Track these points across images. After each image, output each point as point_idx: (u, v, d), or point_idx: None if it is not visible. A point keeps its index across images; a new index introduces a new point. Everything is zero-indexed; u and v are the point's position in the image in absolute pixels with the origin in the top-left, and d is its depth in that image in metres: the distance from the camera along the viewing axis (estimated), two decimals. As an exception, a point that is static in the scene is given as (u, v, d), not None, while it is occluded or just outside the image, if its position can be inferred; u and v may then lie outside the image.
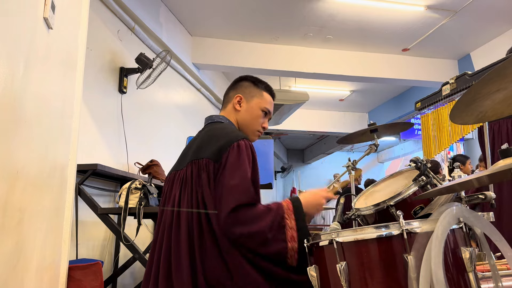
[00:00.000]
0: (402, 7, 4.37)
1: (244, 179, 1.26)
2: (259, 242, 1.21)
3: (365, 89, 7.15)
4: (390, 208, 1.36)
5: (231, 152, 1.30)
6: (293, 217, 1.26)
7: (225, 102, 1.57)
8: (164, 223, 1.35)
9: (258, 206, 1.26)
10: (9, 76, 1.09)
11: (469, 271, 1.06)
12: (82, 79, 1.93)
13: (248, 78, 1.57)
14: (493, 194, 1.25)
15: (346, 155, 10.84)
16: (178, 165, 1.46)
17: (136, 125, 3.61)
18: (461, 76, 2.31)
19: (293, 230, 1.24)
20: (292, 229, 1.24)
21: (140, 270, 3.18)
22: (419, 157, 1.46)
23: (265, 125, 1.55)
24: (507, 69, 0.78)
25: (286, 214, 1.26)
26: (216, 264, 1.21)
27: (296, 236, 1.23)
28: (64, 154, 1.74)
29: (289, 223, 1.25)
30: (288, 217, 1.25)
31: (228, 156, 1.29)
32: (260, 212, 1.23)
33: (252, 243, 1.21)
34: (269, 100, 1.55)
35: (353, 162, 2.31)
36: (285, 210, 1.27)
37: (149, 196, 2.54)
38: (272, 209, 1.26)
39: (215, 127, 1.44)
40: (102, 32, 3.21)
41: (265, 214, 1.24)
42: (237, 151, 1.30)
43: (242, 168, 1.28)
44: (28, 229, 1.30)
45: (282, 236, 1.22)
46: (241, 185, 1.25)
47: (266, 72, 5.42)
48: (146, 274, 1.35)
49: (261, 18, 4.62)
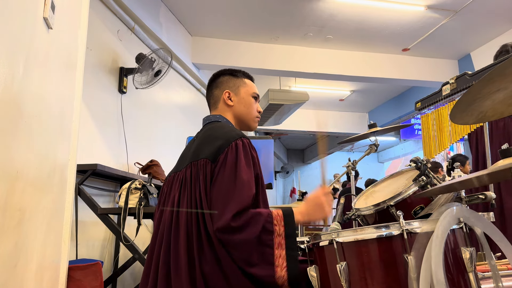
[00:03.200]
0: (402, 7, 4.37)
1: (240, 183, 1.24)
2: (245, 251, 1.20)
3: (365, 89, 7.15)
4: (390, 208, 1.36)
5: (228, 153, 1.29)
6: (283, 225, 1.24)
7: (213, 102, 1.55)
8: (163, 224, 1.34)
9: (249, 212, 1.23)
10: (9, 76, 1.09)
11: (469, 271, 1.06)
12: (82, 79, 1.93)
13: (224, 72, 1.57)
14: (493, 194, 1.25)
15: (346, 155, 10.85)
16: (177, 167, 1.45)
17: (136, 125, 3.61)
18: (461, 76, 2.31)
19: (281, 238, 1.22)
20: (280, 236, 1.22)
21: (140, 270, 3.18)
22: (419, 157, 1.46)
23: (259, 109, 1.57)
24: (507, 69, 0.78)
25: (275, 220, 1.24)
26: (213, 269, 1.20)
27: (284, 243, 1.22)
28: (64, 154, 1.74)
29: (278, 229, 1.23)
30: (277, 223, 1.24)
31: (225, 157, 1.28)
32: (249, 219, 1.21)
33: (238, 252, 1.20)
34: (253, 85, 1.58)
35: (353, 162, 2.31)
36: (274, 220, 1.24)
37: (149, 196, 2.54)
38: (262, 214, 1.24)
39: (213, 127, 1.44)
40: (102, 32, 3.21)
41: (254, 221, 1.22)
42: (235, 152, 1.29)
43: (237, 172, 1.26)
44: (28, 229, 1.30)
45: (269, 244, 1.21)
46: (235, 192, 1.23)
47: (266, 72, 5.42)
48: (144, 275, 1.34)
49: (261, 18, 4.62)
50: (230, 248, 1.20)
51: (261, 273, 1.18)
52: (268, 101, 5.81)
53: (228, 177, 1.26)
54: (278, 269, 1.18)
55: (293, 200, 11.43)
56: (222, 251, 1.21)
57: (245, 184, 1.25)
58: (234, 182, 1.25)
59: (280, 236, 1.22)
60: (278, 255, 1.20)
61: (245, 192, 1.24)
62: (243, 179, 1.26)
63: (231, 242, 1.19)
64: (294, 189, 11.65)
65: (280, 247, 1.21)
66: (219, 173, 1.27)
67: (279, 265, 1.19)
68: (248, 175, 1.28)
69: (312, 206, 1.33)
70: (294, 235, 1.22)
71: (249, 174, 1.28)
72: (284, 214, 1.26)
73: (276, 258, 1.19)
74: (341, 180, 7.57)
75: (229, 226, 1.18)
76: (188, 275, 1.20)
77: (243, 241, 1.18)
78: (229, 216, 1.19)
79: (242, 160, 1.29)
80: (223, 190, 1.24)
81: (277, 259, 1.19)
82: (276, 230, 1.22)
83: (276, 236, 1.21)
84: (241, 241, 1.18)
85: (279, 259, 1.19)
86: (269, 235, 1.21)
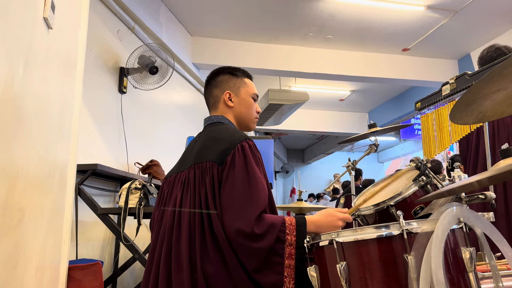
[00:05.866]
0: (402, 7, 4.37)
1: (255, 185, 1.24)
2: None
3: (365, 89, 7.16)
4: (390, 208, 1.36)
5: (236, 155, 1.28)
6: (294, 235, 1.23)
7: (213, 102, 1.52)
8: (164, 224, 1.33)
9: (266, 218, 1.22)
10: (9, 76, 1.09)
11: (469, 271, 1.06)
12: (82, 79, 1.93)
13: (223, 71, 1.55)
14: (493, 194, 1.25)
15: (346, 155, 10.85)
16: (179, 167, 1.44)
17: (136, 125, 3.61)
18: (461, 76, 2.31)
19: (292, 247, 1.22)
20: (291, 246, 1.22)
21: (140, 270, 3.18)
22: (419, 157, 1.46)
23: (258, 109, 1.56)
24: (507, 69, 0.78)
25: (288, 230, 1.23)
26: (218, 270, 1.20)
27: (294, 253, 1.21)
28: (64, 154, 1.74)
29: (289, 238, 1.22)
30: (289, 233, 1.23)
31: (232, 159, 1.27)
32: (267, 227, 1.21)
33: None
34: (252, 84, 1.56)
35: (353, 162, 2.31)
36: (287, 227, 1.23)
37: (149, 196, 2.54)
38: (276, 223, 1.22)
39: (216, 129, 1.43)
40: (102, 32, 3.21)
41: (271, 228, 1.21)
42: (242, 154, 1.28)
43: (250, 173, 1.25)
44: (28, 229, 1.30)
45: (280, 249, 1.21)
46: (252, 194, 1.22)
47: (266, 72, 5.42)
48: (145, 275, 1.34)
49: (261, 18, 4.62)
50: (241, 253, 1.19)
51: (267, 281, 1.18)
52: (268, 101, 5.81)
53: (241, 179, 1.24)
54: (286, 280, 1.18)
55: (293, 200, 11.44)
56: (229, 253, 1.20)
57: (260, 185, 1.25)
58: (249, 184, 1.24)
59: (291, 246, 1.21)
60: (288, 265, 1.20)
61: (262, 194, 1.25)
62: (257, 180, 1.25)
63: (246, 248, 1.18)
64: (294, 189, 11.66)
65: (290, 258, 1.20)
66: (229, 175, 1.26)
67: (288, 276, 1.19)
68: (260, 177, 1.28)
69: (325, 217, 1.32)
70: (303, 246, 1.21)
71: (261, 176, 1.29)
72: (297, 223, 1.25)
73: (285, 268, 1.19)
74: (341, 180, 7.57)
75: (253, 232, 1.17)
76: (189, 275, 1.20)
77: (258, 249, 1.18)
78: (252, 218, 1.18)
79: (252, 161, 1.28)
80: (238, 193, 1.23)
81: (286, 269, 1.19)
82: (288, 239, 1.21)
83: (287, 246, 1.21)
84: (256, 249, 1.18)
85: (288, 270, 1.19)
86: (281, 244, 1.20)
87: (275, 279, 1.18)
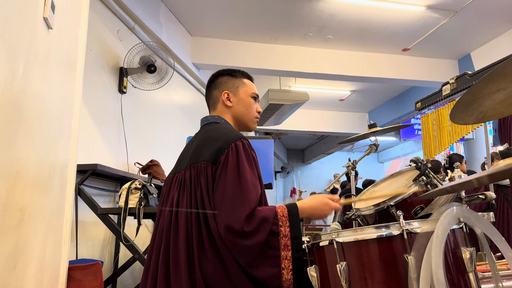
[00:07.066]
0: (402, 7, 4.37)
1: (245, 185, 1.24)
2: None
3: (365, 89, 7.15)
4: (390, 208, 1.36)
5: (229, 154, 1.28)
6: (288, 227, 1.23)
7: (212, 103, 1.54)
8: (162, 225, 1.34)
9: (256, 214, 1.22)
10: (9, 76, 1.09)
11: (469, 271, 1.06)
12: (82, 79, 1.93)
13: (223, 73, 1.56)
14: (493, 194, 1.25)
15: (346, 155, 10.85)
16: (176, 168, 1.45)
17: (136, 125, 3.61)
18: (461, 76, 2.31)
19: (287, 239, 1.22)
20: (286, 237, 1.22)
21: (140, 270, 3.18)
22: (419, 157, 1.46)
23: (259, 109, 1.56)
24: (507, 69, 0.78)
25: (280, 222, 1.23)
26: (215, 268, 1.20)
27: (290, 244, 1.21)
28: (64, 154, 1.74)
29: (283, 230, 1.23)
30: (282, 224, 1.23)
31: (226, 158, 1.28)
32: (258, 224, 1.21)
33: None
34: (252, 85, 1.56)
35: (353, 162, 2.31)
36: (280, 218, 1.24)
37: (149, 196, 2.54)
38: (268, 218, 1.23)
39: (212, 128, 1.43)
40: (102, 32, 3.21)
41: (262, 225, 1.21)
42: (235, 154, 1.28)
43: (241, 173, 1.26)
44: (28, 229, 1.30)
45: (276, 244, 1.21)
46: (242, 194, 1.22)
47: (266, 72, 5.42)
48: (144, 275, 1.34)
49: (261, 18, 4.62)
50: (235, 252, 1.19)
51: (264, 275, 1.18)
52: (268, 101, 5.81)
53: (232, 179, 1.25)
54: (284, 272, 1.18)
55: (293, 200, 11.43)
56: (226, 251, 1.21)
57: (250, 185, 1.25)
58: (240, 184, 1.24)
59: (286, 237, 1.21)
60: (284, 256, 1.19)
61: (252, 193, 1.25)
62: (248, 180, 1.25)
63: (238, 246, 1.18)
64: (294, 189, 11.66)
65: (286, 249, 1.20)
66: (221, 175, 1.27)
67: (285, 268, 1.18)
68: (252, 176, 1.28)
69: (320, 205, 1.34)
70: (299, 235, 1.21)
71: (252, 175, 1.29)
72: (289, 213, 1.25)
73: (282, 260, 1.19)
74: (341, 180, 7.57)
75: (243, 230, 1.17)
76: (188, 274, 1.20)
77: (250, 246, 1.18)
78: (242, 217, 1.18)
79: (244, 161, 1.29)
80: (228, 192, 1.23)
81: (283, 261, 1.19)
82: (282, 231, 1.21)
83: (282, 237, 1.21)
84: (248, 247, 1.18)
85: (285, 261, 1.19)
86: (275, 237, 1.20)
87: (272, 272, 1.18)
